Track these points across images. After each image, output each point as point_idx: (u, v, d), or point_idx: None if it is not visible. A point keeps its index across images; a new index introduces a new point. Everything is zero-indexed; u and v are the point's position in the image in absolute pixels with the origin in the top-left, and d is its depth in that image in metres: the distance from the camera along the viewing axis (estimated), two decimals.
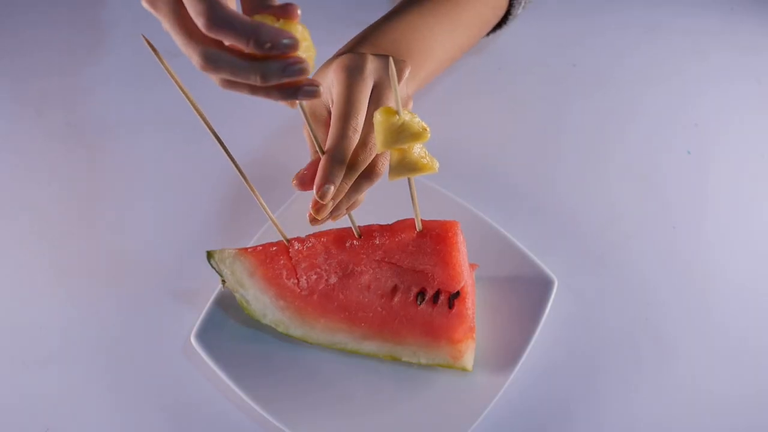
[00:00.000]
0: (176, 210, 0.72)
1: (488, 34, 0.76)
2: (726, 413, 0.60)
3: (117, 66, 0.84)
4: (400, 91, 0.54)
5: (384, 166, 0.54)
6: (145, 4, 0.44)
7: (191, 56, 0.43)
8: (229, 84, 0.45)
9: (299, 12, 0.42)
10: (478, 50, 0.84)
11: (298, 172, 0.53)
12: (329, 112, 0.57)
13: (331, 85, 0.54)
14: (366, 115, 0.53)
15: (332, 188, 0.50)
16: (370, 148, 0.52)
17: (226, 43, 0.42)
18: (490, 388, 0.58)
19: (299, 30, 0.42)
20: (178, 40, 0.44)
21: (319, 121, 0.57)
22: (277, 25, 0.41)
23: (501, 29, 0.76)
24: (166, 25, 0.44)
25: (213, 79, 0.45)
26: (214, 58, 0.43)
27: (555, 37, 0.86)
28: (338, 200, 0.53)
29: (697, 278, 0.67)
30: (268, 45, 0.41)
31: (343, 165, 0.51)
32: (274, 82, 0.43)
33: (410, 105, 0.57)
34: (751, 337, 0.64)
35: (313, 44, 0.44)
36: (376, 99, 0.54)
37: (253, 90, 0.45)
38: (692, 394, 0.61)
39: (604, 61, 0.84)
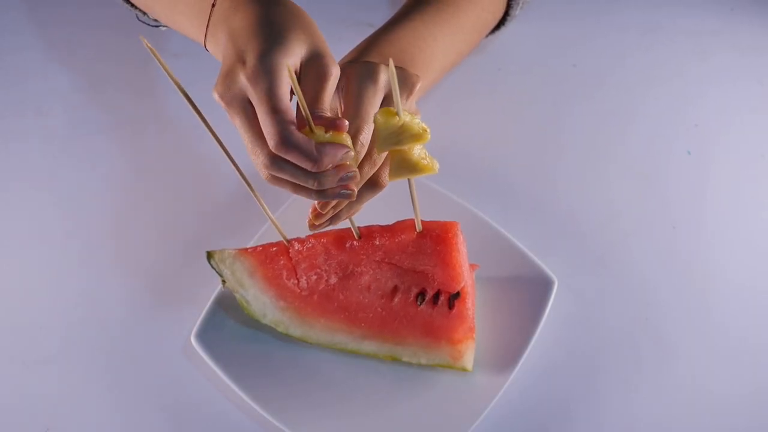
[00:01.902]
0: (176, 210, 0.72)
1: (486, 36, 0.76)
2: (726, 413, 0.60)
3: (117, 66, 0.84)
4: (408, 104, 0.54)
5: (386, 178, 0.54)
6: (216, 97, 0.49)
7: (257, 156, 0.49)
8: (277, 181, 0.50)
9: (347, 124, 0.48)
10: (478, 51, 0.84)
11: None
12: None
13: (341, 92, 0.54)
14: None
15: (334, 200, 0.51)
16: (375, 161, 0.53)
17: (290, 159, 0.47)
18: (490, 388, 0.58)
19: (347, 140, 0.48)
20: (246, 138, 0.49)
21: None
22: (327, 136, 0.47)
23: (499, 30, 0.76)
24: (237, 123, 0.49)
25: (261, 173, 0.50)
26: (279, 163, 0.48)
27: (555, 38, 0.86)
28: (338, 209, 0.54)
29: (697, 278, 0.67)
30: (330, 166, 0.47)
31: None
32: (328, 187, 0.49)
33: (419, 116, 0.57)
34: (751, 337, 0.64)
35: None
36: None
37: (296, 190, 0.50)
38: (692, 394, 0.61)
39: (605, 62, 0.84)
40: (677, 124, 0.78)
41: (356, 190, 0.50)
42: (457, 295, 0.58)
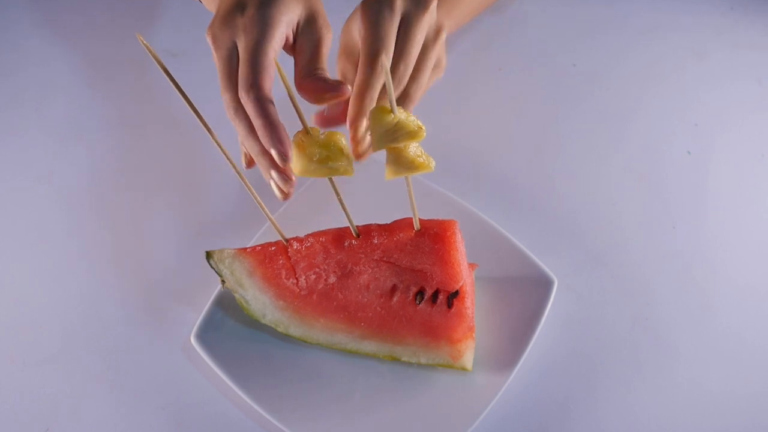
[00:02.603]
0: (176, 210, 0.72)
1: None
2: (726, 413, 0.60)
3: (117, 65, 0.84)
4: (427, 18, 0.54)
5: (417, 94, 0.56)
6: (209, 37, 0.50)
7: (224, 92, 0.50)
8: (235, 122, 0.51)
9: (349, 89, 0.49)
10: (479, 50, 0.84)
11: (319, 112, 0.57)
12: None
13: (358, 21, 0.55)
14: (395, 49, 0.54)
15: (365, 121, 0.52)
16: (397, 82, 0.54)
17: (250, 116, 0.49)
18: (490, 388, 0.58)
19: (341, 141, 0.49)
20: (220, 77, 0.50)
21: (350, 57, 0.58)
22: (321, 138, 0.49)
23: None
24: (218, 65, 0.50)
25: (227, 111, 0.51)
26: (239, 112, 0.50)
27: (555, 37, 0.86)
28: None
29: (697, 278, 0.67)
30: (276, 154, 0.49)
31: (373, 100, 0.53)
32: (264, 160, 0.51)
33: (443, 36, 0.57)
34: (751, 337, 0.64)
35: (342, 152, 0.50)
36: (404, 33, 0.54)
37: (247, 136, 0.51)
38: (692, 394, 0.61)
39: (604, 61, 0.84)
40: (677, 123, 0.78)
41: (290, 155, 0.50)
42: (456, 293, 0.58)
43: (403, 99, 0.56)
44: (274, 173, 0.51)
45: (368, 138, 0.54)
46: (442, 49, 0.59)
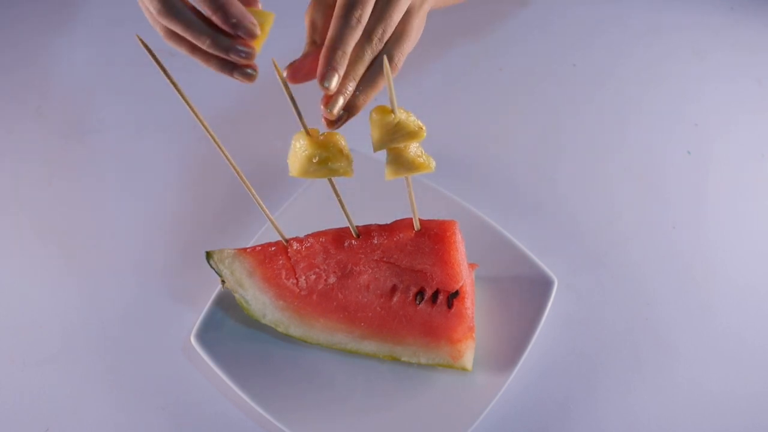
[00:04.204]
0: (176, 210, 0.72)
1: None
2: (726, 413, 0.60)
3: (117, 66, 0.84)
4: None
5: (400, 62, 0.51)
6: None
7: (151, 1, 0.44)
8: (173, 36, 0.46)
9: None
10: (479, 50, 0.84)
11: (292, 62, 0.51)
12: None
13: None
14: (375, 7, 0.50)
15: (336, 76, 0.47)
16: (376, 42, 0.49)
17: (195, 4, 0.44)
18: (490, 388, 0.58)
19: (341, 142, 0.48)
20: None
21: (324, 5, 0.53)
22: (321, 139, 0.47)
23: None
24: None
25: (158, 29, 0.46)
26: (175, 6, 0.44)
27: (555, 37, 0.86)
28: (347, 95, 0.49)
29: (697, 278, 0.67)
30: (234, 21, 0.44)
31: (345, 54, 0.48)
32: (218, 53, 0.45)
33: (427, 5, 0.53)
34: (751, 337, 0.64)
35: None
36: None
37: (193, 50, 0.46)
38: (692, 394, 0.61)
39: (604, 61, 0.84)
40: (677, 123, 0.78)
41: (256, 49, 0.46)
42: (456, 294, 0.58)
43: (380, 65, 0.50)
44: (234, 55, 0.46)
45: (341, 101, 0.49)
46: (423, 20, 0.55)
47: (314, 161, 0.49)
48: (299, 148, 0.50)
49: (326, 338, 0.61)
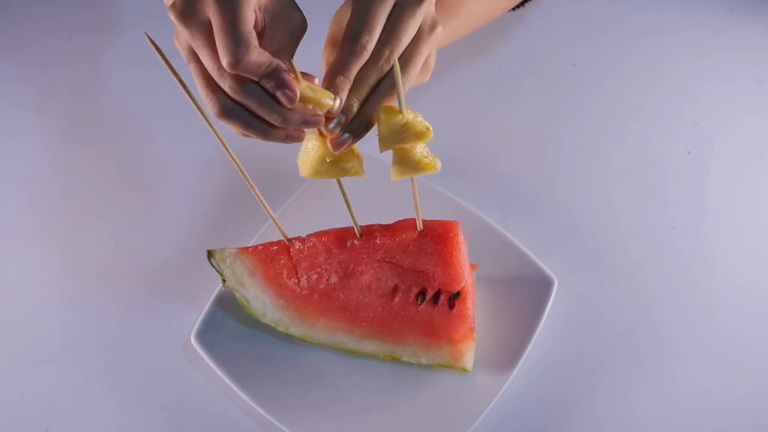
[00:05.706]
0: (176, 209, 0.72)
1: (515, 8, 0.71)
2: (726, 413, 0.60)
3: (118, 65, 0.84)
4: (423, 8, 0.50)
5: (405, 86, 0.50)
6: (172, 14, 0.45)
7: (222, 80, 0.45)
8: (230, 116, 0.47)
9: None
10: (479, 51, 0.84)
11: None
12: None
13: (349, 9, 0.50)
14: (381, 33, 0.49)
15: (338, 99, 0.47)
16: (382, 63, 0.48)
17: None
18: (490, 388, 0.58)
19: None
20: (206, 62, 0.45)
21: (336, 47, 0.52)
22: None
23: (529, 3, 0.71)
24: (197, 44, 0.45)
25: (212, 107, 0.47)
26: (246, 89, 0.45)
27: (555, 37, 0.86)
28: (350, 114, 0.49)
29: (697, 278, 0.67)
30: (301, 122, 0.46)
31: (347, 80, 0.47)
32: (290, 127, 0.46)
33: (438, 31, 0.52)
34: (751, 337, 0.64)
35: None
36: (396, 17, 0.49)
37: (248, 128, 0.47)
38: (692, 394, 0.61)
39: (604, 61, 0.84)
40: (677, 123, 0.78)
41: (322, 120, 0.46)
42: (458, 294, 0.58)
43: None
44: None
45: (342, 119, 0.48)
46: (434, 47, 0.54)
47: (327, 161, 0.49)
48: (311, 149, 0.49)
49: (327, 338, 0.61)
